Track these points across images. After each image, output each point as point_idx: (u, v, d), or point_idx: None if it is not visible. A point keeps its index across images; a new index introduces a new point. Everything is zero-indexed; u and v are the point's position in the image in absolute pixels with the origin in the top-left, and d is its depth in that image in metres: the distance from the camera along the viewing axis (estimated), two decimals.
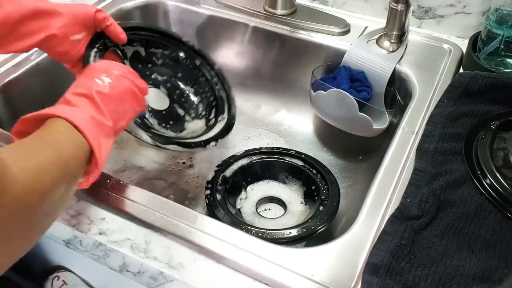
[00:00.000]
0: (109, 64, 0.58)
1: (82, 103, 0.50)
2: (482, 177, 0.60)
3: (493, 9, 0.75)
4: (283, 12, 0.92)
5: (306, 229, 0.65)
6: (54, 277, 0.73)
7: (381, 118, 0.79)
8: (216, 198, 0.70)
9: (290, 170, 0.77)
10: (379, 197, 0.59)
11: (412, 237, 0.53)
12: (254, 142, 0.89)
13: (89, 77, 0.54)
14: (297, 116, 0.93)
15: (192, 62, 0.79)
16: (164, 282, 0.53)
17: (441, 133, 0.66)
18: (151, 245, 0.54)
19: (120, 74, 0.56)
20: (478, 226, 0.55)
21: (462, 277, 0.50)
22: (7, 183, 0.35)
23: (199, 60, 0.79)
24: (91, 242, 0.56)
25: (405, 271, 0.50)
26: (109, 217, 0.57)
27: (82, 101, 0.50)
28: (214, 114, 0.76)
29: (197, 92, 0.79)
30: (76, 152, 0.46)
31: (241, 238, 0.54)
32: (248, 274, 0.52)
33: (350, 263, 0.52)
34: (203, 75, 0.79)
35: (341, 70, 0.81)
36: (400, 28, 0.81)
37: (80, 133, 0.47)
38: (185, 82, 0.79)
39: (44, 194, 0.40)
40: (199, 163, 0.84)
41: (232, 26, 0.92)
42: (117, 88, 0.54)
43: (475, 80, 0.71)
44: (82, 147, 0.47)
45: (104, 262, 0.57)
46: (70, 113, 0.47)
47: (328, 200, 0.70)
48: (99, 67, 0.56)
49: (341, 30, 0.88)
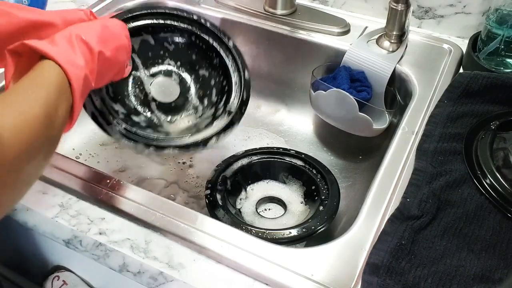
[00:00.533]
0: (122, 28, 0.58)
1: (82, 52, 0.50)
2: (482, 177, 0.60)
3: (493, 9, 0.75)
4: (283, 12, 0.92)
5: (306, 229, 0.65)
6: (54, 277, 0.73)
7: (381, 118, 0.79)
8: (216, 198, 0.70)
9: (290, 170, 0.77)
10: (379, 197, 0.59)
11: (412, 237, 0.53)
12: (254, 142, 0.89)
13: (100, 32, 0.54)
14: (297, 116, 0.93)
15: (205, 42, 0.71)
16: (164, 282, 0.53)
17: (441, 133, 0.66)
18: (151, 245, 0.54)
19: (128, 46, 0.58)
20: (478, 226, 0.55)
21: (462, 277, 0.50)
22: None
23: (213, 39, 0.71)
24: (91, 242, 0.56)
25: (405, 271, 0.50)
26: (109, 217, 0.57)
27: (83, 50, 0.50)
28: (224, 102, 0.71)
29: (211, 75, 0.73)
30: (62, 105, 0.46)
31: (241, 238, 0.54)
32: (248, 274, 0.52)
33: (350, 263, 0.52)
34: (217, 55, 0.72)
35: (341, 70, 0.81)
36: (400, 28, 0.81)
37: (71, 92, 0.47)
38: (200, 66, 0.73)
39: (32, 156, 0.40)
40: (199, 163, 0.84)
41: (232, 26, 0.92)
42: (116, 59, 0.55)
43: (475, 80, 0.71)
44: (67, 101, 0.47)
45: (104, 262, 0.56)
46: (67, 62, 0.47)
47: (328, 200, 0.70)
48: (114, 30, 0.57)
49: (341, 30, 0.88)
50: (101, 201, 0.59)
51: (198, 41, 0.72)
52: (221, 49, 0.71)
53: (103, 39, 0.54)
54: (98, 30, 0.54)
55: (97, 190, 0.59)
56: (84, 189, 0.60)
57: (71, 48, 0.49)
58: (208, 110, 0.72)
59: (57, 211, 0.58)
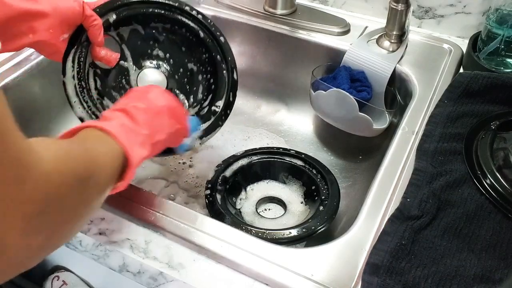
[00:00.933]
0: (149, 87, 0.59)
1: (116, 115, 0.51)
2: (482, 177, 0.60)
3: (493, 9, 0.75)
4: (283, 12, 0.92)
5: (306, 229, 0.65)
6: (54, 277, 0.73)
7: (381, 118, 0.79)
8: (216, 198, 0.70)
9: (290, 170, 0.77)
10: (379, 197, 0.59)
11: (412, 237, 0.53)
12: (254, 142, 0.89)
13: (127, 97, 0.55)
14: (297, 116, 0.93)
15: (196, 35, 0.69)
16: (164, 282, 0.53)
17: (441, 133, 0.66)
18: (151, 245, 0.54)
19: (159, 91, 0.57)
20: (478, 226, 0.55)
21: (462, 277, 0.50)
22: (32, 160, 0.33)
23: (203, 32, 0.69)
24: (91, 242, 0.56)
25: (405, 271, 0.50)
26: (109, 217, 0.57)
27: (115, 114, 0.51)
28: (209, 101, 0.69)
29: (199, 71, 0.70)
30: (109, 155, 0.46)
31: (241, 238, 0.54)
32: (248, 274, 0.52)
33: (350, 263, 0.52)
34: (207, 50, 0.69)
35: (341, 70, 0.81)
36: (400, 28, 0.81)
37: (112, 138, 0.46)
38: (189, 59, 0.71)
39: (73, 178, 0.37)
40: (199, 163, 0.84)
41: (232, 26, 0.92)
42: (154, 103, 0.55)
43: (475, 80, 0.71)
44: (114, 150, 0.46)
45: (104, 262, 0.56)
46: (101, 123, 0.47)
47: (328, 200, 0.70)
48: (139, 89, 0.57)
49: (341, 30, 0.88)
50: None
51: (188, 34, 0.70)
52: (211, 44, 0.69)
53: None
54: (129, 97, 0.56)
55: None
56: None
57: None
58: (193, 109, 0.70)
59: None
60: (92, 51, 0.64)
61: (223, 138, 0.87)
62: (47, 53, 0.62)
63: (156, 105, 0.55)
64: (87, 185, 0.40)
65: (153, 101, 0.55)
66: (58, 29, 0.59)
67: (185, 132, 0.60)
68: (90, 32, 0.62)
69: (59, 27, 0.59)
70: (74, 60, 0.62)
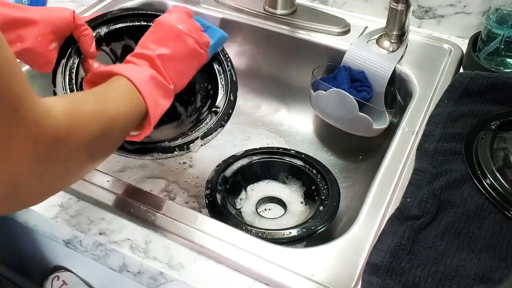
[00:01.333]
0: (177, 20, 0.59)
1: (144, 64, 0.53)
2: (482, 177, 0.60)
3: (493, 9, 0.75)
4: (283, 12, 0.92)
5: (306, 229, 0.65)
6: (54, 277, 0.73)
7: (381, 118, 0.79)
8: (216, 198, 0.70)
9: (290, 170, 0.77)
10: (379, 197, 0.59)
11: (412, 237, 0.53)
12: (254, 142, 0.89)
13: (152, 38, 0.57)
14: (297, 116, 0.93)
15: None
16: (164, 282, 0.53)
17: (441, 133, 0.66)
18: (151, 245, 0.54)
19: (184, 32, 0.58)
20: (478, 226, 0.55)
21: (462, 277, 0.50)
22: (49, 123, 0.36)
23: None
24: (91, 242, 0.56)
25: (405, 271, 0.50)
26: (109, 217, 0.57)
27: (143, 63, 0.54)
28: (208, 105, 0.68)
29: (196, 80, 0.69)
30: (129, 109, 0.48)
31: (241, 238, 0.54)
32: (248, 274, 0.52)
33: (350, 263, 0.52)
34: None
35: (341, 70, 0.81)
36: (400, 28, 0.81)
37: (139, 94, 0.50)
38: None
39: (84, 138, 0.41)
40: (199, 163, 0.84)
41: (232, 26, 0.92)
42: (180, 49, 0.57)
43: (475, 80, 0.71)
44: (138, 106, 0.50)
45: (104, 262, 0.56)
46: (131, 72, 0.50)
47: (328, 200, 0.70)
48: (166, 23, 0.58)
49: (341, 30, 0.88)
50: (101, 201, 0.59)
51: None
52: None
53: (157, 40, 0.56)
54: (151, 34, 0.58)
55: (97, 190, 0.59)
56: (84, 189, 0.60)
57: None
58: (191, 117, 0.70)
59: (57, 211, 0.58)
60: (85, 64, 0.62)
61: (223, 138, 0.87)
62: (38, 65, 0.59)
63: (182, 49, 0.57)
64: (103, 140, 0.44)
65: (180, 44, 0.57)
66: (47, 38, 0.57)
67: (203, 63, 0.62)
68: (81, 43, 0.60)
69: (48, 36, 0.57)
70: (65, 72, 0.60)
